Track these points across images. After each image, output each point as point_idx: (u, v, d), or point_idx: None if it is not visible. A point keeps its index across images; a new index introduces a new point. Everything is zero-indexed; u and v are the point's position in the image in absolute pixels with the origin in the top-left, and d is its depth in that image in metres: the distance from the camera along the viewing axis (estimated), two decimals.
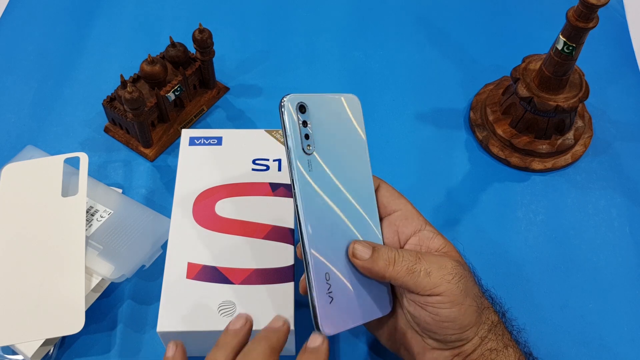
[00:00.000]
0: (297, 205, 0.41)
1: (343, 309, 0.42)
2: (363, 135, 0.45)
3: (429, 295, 0.41)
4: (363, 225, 0.44)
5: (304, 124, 0.42)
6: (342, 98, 0.45)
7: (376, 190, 0.45)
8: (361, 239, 0.43)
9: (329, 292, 0.41)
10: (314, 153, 0.42)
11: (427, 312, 0.41)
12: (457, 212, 0.61)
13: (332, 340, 0.53)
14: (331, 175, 0.43)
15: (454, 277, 0.41)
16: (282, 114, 0.41)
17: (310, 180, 0.42)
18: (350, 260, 0.42)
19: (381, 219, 0.45)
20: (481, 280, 0.46)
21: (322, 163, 0.42)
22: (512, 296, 0.55)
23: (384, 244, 0.44)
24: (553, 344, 0.53)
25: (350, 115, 0.45)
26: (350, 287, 0.42)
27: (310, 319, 0.41)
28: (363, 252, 0.42)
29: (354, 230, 0.43)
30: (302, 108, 0.42)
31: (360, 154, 0.45)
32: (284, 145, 0.42)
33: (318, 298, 0.41)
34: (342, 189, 0.43)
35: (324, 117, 0.43)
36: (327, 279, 0.41)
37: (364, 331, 0.53)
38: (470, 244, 0.58)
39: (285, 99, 0.41)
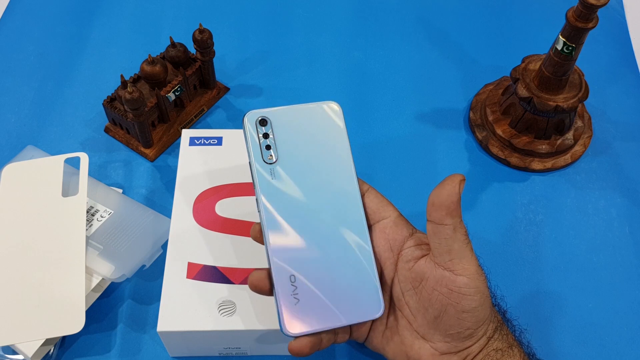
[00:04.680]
0: (259, 211, 0.43)
1: (310, 312, 0.42)
2: (344, 141, 0.45)
3: (460, 272, 0.40)
4: (346, 229, 0.44)
5: (265, 135, 0.44)
6: (318, 106, 0.45)
7: (363, 196, 0.45)
8: (340, 243, 0.43)
9: (295, 294, 0.42)
10: (277, 162, 0.44)
11: (450, 300, 0.40)
12: None
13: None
14: (298, 183, 0.43)
15: (480, 268, 0.41)
16: (243, 128, 0.44)
17: (273, 188, 0.43)
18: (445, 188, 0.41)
19: (370, 226, 0.44)
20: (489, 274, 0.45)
21: (286, 172, 0.43)
22: (511, 296, 0.55)
23: (372, 245, 0.44)
24: (553, 344, 0.53)
25: (327, 123, 0.45)
26: (323, 291, 0.42)
27: None
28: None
29: (334, 234, 0.43)
30: (262, 122, 0.44)
31: (340, 159, 0.45)
32: (248, 159, 0.44)
33: (281, 299, 0.41)
34: (313, 194, 0.43)
35: (291, 128, 0.44)
36: (292, 281, 0.42)
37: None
38: None
39: (246, 115, 0.44)
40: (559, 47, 0.57)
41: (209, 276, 0.49)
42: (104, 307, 0.54)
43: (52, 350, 0.51)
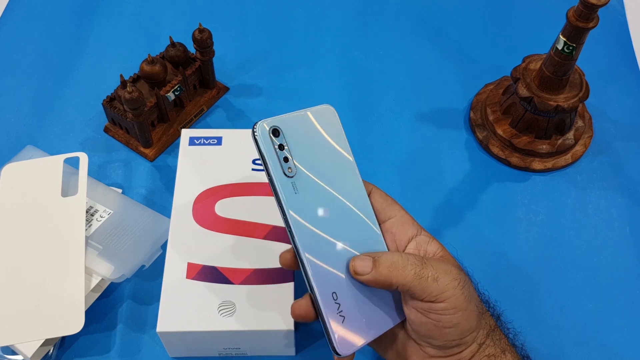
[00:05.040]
0: (290, 231, 0.41)
1: (356, 326, 0.41)
2: (346, 144, 0.44)
3: (434, 301, 0.40)
4: (364, 235, 0.43)
5: (280, 147, 0.41)
6: (316, 111, 0.44)
7: (369, 196, 0.44)
8: (363, 250, 0.42)
9: (340, 312, 0.41)
10: (297, 174, 0.41)
11: (429, 319, 0.40)
12: (457, 212, 0.61)
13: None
14: (319, 193, 0.42)
15: (459, 283, 0.40)
16: (256, 141, 0.41)
17: (299, 203, 0.41)
18: (354, 278, 0.42)
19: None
20: (479, 284, 0.45)
21: (306, 183, 0.42)
22: (512, 296, 0.55)
23: (388, 250, 0.44)
24: (553, 344, 0.53)
25: (329, 127, 0.44)
26: (361, 302, 0.42)
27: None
28: (364, 267, 0.41)
29: (356, 243, 0.43)
30: (275, 132, 0.41)
31: (346, 163, 0.44)
32: (265, 173, 0.41)
33: (330, 320, 0.40)
34: (333, 203, 0.43)
35: (300, 136, 0.42)
36: (335, 298, 0.41)
37: None
38: (470, 244, 0.58)
39: (257, 126, 0.41)
40: (560, 46, 0.57)
41: (209, 276, 0.49)
42: (104, 307, 0.54)
43: (51, 351, 0.51)
